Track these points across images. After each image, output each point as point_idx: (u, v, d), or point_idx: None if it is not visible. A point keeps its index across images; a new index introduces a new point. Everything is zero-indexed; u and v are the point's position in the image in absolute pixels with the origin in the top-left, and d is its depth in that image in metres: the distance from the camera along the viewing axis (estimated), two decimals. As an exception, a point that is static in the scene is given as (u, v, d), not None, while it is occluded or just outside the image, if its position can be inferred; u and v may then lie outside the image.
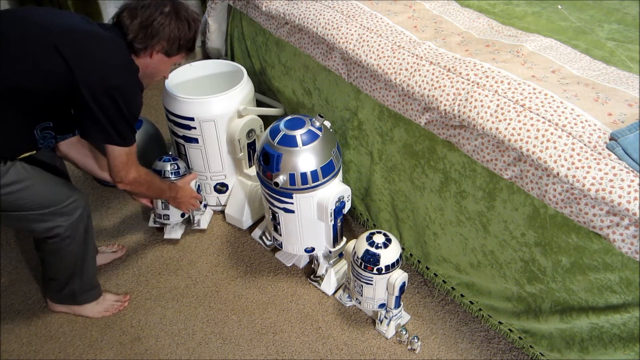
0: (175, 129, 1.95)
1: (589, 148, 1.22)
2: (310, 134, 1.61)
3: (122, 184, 1.55)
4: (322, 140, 1.62)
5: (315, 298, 1.86)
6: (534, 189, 1.34)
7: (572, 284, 1.37)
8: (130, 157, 1.52)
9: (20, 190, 1.43)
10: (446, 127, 1.50)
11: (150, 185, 1.66)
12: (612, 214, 1.20)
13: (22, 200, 1.45)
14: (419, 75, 1.49)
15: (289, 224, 1.74)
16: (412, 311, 1.80)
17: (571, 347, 1.45)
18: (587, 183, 1.19)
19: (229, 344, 1.73)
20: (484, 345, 1.70)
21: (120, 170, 1.52)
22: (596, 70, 1.47)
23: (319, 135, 1.62)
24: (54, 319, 1.81)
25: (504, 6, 1.81)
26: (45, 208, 1.50)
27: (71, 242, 1.59)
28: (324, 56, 1.79)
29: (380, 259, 1.58)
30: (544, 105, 1.31)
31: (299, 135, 1.60)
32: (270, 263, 1.98)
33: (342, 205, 1.71)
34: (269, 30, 2.00)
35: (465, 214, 1.57)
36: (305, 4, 1.79)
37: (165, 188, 1.78)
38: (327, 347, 1.71)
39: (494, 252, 1.54)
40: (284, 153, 1.59)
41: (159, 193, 1.77)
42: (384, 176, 1.80)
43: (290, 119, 1.67)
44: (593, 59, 1.53)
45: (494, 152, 1.40)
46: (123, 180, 1.54)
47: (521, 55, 1.50)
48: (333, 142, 1.67)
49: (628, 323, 1.30)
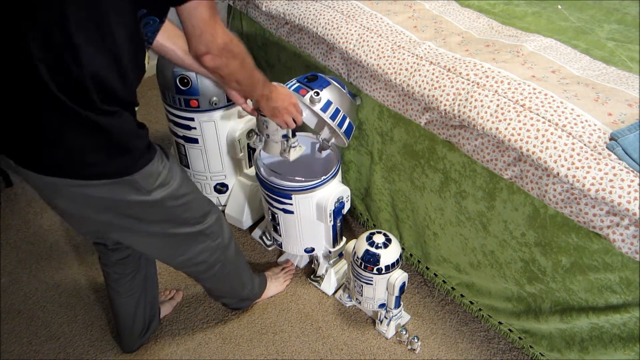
0: (175, 129, 1.95)
1: (589, 148, 1.22)
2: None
3: (209, 55, 1.11)
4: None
5: (315, 298, 1.86)
6: (534, 189, 1.34)
7: (572, 284, 1.37)
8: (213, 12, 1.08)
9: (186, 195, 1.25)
10: (446, 127, 1.50)
11: (243, 61, 1.21)
12: (612, 214, 1.20)
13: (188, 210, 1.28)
14: (419, 75, 1.49)
15: (289, 224, 1.74)
16: (412, 311, 1.80)
17: (571, 347, 1.45)
18: (587, 183, 1.19)
19: (229, 344, 1.73)
20: (484, 345, 1.70)
21: (203, 34, 1.08)
22: (596, 70, 1.47)
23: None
24: (54, 318, 1.81)
25: (504, 6, 1.81)
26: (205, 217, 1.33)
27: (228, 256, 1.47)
28: (324, 56, 1.79)
29: (380, 259, 1.58)
30: (544, 105, 1.31)
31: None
32: (271, 263, 1.98)
33: (342, 205, 1.71)
34: (269, 30, 2.00)
35: (465, 214, 1.57)
36: (305, 4, 1.79)
37: (259, 77, 1.33)
38: (327, 347, 1.71)
39: (494, 252, 1.54)
40: None
41: (251, 78, 1.29)
42: (384, 176, 1.80)
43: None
44: (593, 59, 1.53)
45: (494, 152, 1.40)
46: (210, 49, 1.10)
47: (521, 55, 1.50)
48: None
49: (628, 323, 1.30)
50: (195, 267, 1.45)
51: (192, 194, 1.30)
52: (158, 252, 1.41)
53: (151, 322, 1.69)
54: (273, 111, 1.44)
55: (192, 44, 1.10)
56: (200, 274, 1.51)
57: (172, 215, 1.28)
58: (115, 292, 1.56)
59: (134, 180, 1.14)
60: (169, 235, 1.32)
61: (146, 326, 1.67)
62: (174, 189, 1.22)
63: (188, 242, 1.37)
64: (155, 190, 1.18)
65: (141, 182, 1.15)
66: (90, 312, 1.83)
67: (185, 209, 1.29)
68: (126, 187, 1.14)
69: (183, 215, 1.29)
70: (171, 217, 1.28)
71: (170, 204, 1.24)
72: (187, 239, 1.36)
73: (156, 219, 1.26)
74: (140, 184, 1.15)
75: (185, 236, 1.34)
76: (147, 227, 1.27)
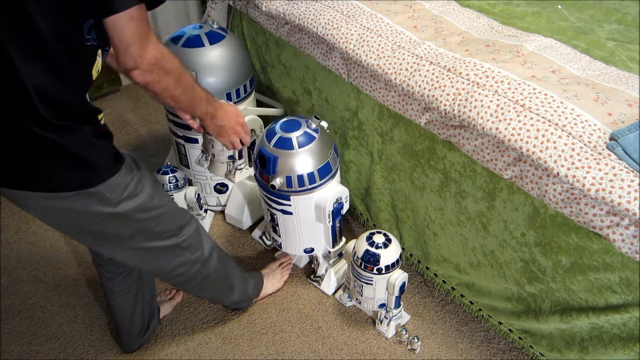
0: (175, 129, 1.95)
1: (589, 148, 1.22)
2: (306, 135, 1.61)
3: (138, 70, 1.06)
4: (318, 142, 1.62)
5: (315, 298, 1.86)
6: (534, 189, 1.34)
7: (572, 284, 1.37)
8: (142, 24, 1.02)
9: (158, 207, 1.21)
10: (446, 127, 1.50)
11: (179, 77, 1.16)
12: (612, 214, 1.20)
13: (161, 223, 1.23)
14: (419, 75, 1.49)
15: (288, 225, 1.74)
16: (412, 311, 1.80)
17: (571, 347, 1.45)
18: (587, 183, 1.19)
19: (229, 344, 1.73)
20: (484, 345, 1.70)
21: (130, 48, 1.02)
22: (596, 70, 1.47)
23: (315, 137, 1.62)
24: (54, 318, 1.81)
25: (504, 6, 1.81)
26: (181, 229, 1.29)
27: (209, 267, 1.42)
28: (324, 56, 1.79)
29: (380, 259, 1.57)
30: (544, 105, 1.31)
31: (295, 137, 1.60)
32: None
33: (341, 206, 1.70)
34: (269, 30, 2.00)
35: (465, 214, 1.57)
36: (305, 4, 1.79)
37: (201, 94, 1.27)
38: (327, 347, 1.71)
39: (494, 252, 1.54)
40: (280, 156, 1.58)
41: (189, 95, 1.23)
42: (384, 176, 1.80)
43: (286, 120, 1.67)
44: (593, 59, 1.53)
45: (494, 152, 1.40)
46: (139, 63, 1.05)
47: (521, 55, 1.50)
48: (330, 144, 1.66)
49: (628, 323, 1.30)
50: (175, 278, 1.42)
51: (165, 207, 1.26)
52: (135, 263, 1.39)
53: (150, 321, 1.68)
54: (219, 130, 1.38)
55: (120, 58, 1.05)
56: (182, 284, 1.49)
57: (144, 229, 1.23)
58: (111, 291, 1.55)
59: (98, 192, 1.11)
60: (143, 249, 1.28)
61: (145, 326, 1.67)
62: (143, 200, 1.18)
63: (164, 255, 1.32)
64: (123, 202, 1.15)
65: (106, 194, 1.12)
66: (90, 312, 1.83)
67: (158, 222, 1.25)
68: (91, 199, 1.12)
69: (155, 228, 1.25)
70: (143, 231, 1.24)
71: (140, 217, 1.20)
72: (162, 252, 1.31)
73: (127, 233, 1.22)
74: (106, 196, 1.12)
75: (159, 250, 1.30)
76: (118, 241, 1.24)
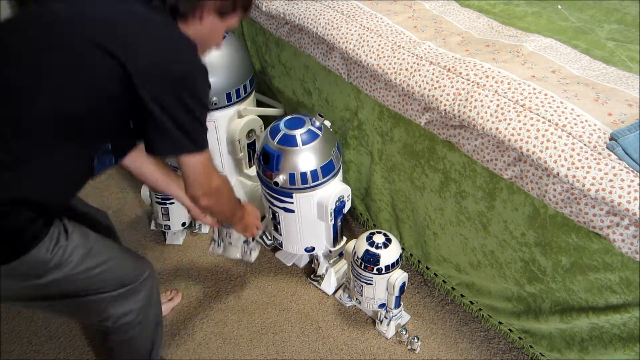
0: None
1: (589, 148, 1.22)
2: (310, 133, 1.61)
3: (206, 197, 1.24)
4: (322, 140, 1.62)
5: (315, 298, 1.86)
6: (534, 189, 1.34)
7: (572, 284, 1.37)
8: (209, 163, 1.22)
9: (99, 265, 1.21)
10: (446, 127, 1.50)
11: (230, 195, 1.37)
12: (612, 214, 1.20)
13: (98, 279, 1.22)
14: (419, 75, 1.49)
15: (289, 223, 1.74)
16: (412, 311, 1.80)
17: (571, 347, 1.45)
18: (587, 183, 1.19)
19: (229, 344, 1.73)
20: (484, 345, 1.70)
21: (200, 181, 1.21)
22: (596, 70, 1.47)
23: (319, 135, 1.62)
24: (54, 318, 1.80)
25: (504, 6, 1.81)
26: (123, 286, 1.28)
27: (143, 325, 1.38)
28: (324, 56, 1.79)
29: (380, 259, 1.58)
30: (544, 105, 1.31)
31: (299, 134, 1.60)
32: (270, 263, 1.98)
33: (342, 204, 1.71)
34: (269, 30, 2.00)
35: (465, 214, 1.57)
36: (305, 4, 1.79)
37: (238, 204, 1.47)
38: (327, 347, 1.71)
39: (494, 252, 1.54)
40: (284, 152, 1.59)
41: (233, 208, 1.43)
42: (384, 176, 1.80)
43: (290, 118, 1.67)
44: (593, 59, 1.53)
45: (494, 152, 1.40)
46: (207, 192, 1.23)
47: (521, 55, 1.50)
48: (333, 142, 1.67)
49: (628, 323, 1.30)
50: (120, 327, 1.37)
51: (104, 265, 1.23)
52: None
53: None
54: (244, 228, 1.56)
55: (188, 187, 1.22)
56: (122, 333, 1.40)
57: (82, 286, 1.22)
58: None
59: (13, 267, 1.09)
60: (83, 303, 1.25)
61: None
62: (74, 266, 1.16)
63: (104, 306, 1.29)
64: (48, 273, 1.13)
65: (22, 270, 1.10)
66: (90, 312, 1.83)
67: (97, 280, 1.23)
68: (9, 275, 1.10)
69: (93, 286, 1.23)
70: (80, 289, 1.22)
71: (76, 277, 1.18)
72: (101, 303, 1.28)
73: (59, 293, 1.20)
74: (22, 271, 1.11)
75: (99, 302, 1.27)
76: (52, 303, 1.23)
